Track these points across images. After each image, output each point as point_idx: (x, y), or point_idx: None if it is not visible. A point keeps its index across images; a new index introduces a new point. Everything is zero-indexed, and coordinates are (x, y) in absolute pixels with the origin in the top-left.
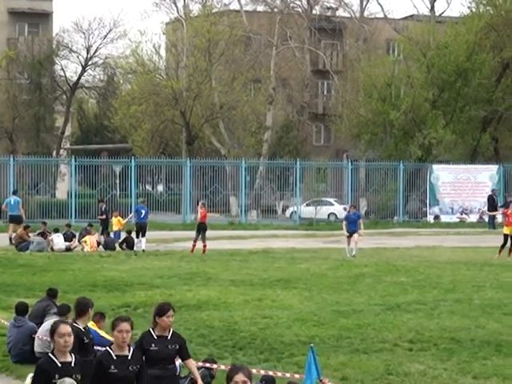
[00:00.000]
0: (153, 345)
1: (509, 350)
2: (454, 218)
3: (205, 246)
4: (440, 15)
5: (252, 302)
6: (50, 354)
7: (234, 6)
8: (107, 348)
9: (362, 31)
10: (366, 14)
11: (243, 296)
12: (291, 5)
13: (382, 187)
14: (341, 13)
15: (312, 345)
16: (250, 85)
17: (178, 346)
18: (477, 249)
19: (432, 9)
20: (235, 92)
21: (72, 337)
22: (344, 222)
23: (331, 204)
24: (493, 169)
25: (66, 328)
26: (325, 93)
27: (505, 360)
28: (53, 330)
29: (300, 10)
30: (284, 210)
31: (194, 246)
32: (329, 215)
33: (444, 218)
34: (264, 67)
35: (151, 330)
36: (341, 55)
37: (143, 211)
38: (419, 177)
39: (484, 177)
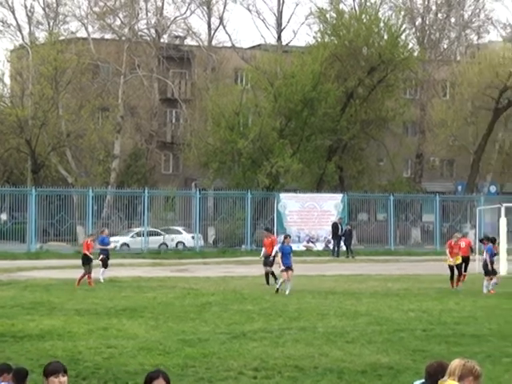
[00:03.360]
0: None
1: (350, 378)
2: (301, 247)
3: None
4: (287, 45)
5: (97, 331)
6: None
7: (82, 33)
8: None
9: (210, 60)
10: (214, 42)
11: (88, 325)
12: (139, 33)
13: (230, 216)
14: (189, 42)
15: None
16: (98, 113)
17: None
18: (322, 277)
19: (279, 39)
20: (82, 120)
21: None
22: (279, 254)
23: (179, 232)
24: (338, 197)
25: None
26: (173, 121)
27: None
28: None
29: (148, 38)
30: None
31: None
32: (177, 244)
33: None
34: (112, 95)
35: None
36: (189, 84)
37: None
38: (267, 205)
39: (329, 205)
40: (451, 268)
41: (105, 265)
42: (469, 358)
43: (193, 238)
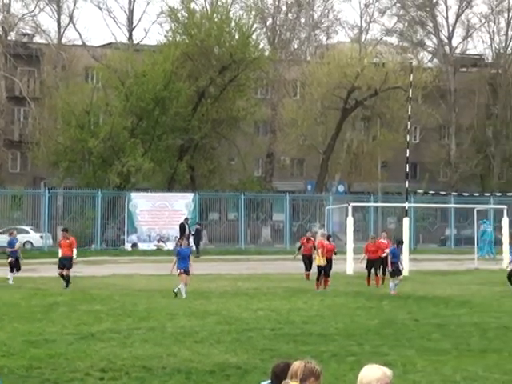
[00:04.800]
0: None
1: (198, 378)
2: (152, 246)
3: None
4: (138, 43)
5: None
6: None
7: None
8: None
9: (60, 58)
10: (63, 40)
11: None
12: None
13: (80, 215)
14: (38, 39)
15: None
16: None
17: None
18: (172, 276)
19: (130, 37)
20: None
21: None
22: (174, 258)
23: (27, 232)
24: (189, 197)
25: None
26: (21, 119)
27: None
28: None
29: None
30: None
31: None
32: (24, 243)
33: (141, 246)
34: None
35: None
36: (38, 82)
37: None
38: (118, 204)
39: (180, 205)
40: (321, 269)
41: (15, 267)
42: (315, 356)
43: (41, 237)
